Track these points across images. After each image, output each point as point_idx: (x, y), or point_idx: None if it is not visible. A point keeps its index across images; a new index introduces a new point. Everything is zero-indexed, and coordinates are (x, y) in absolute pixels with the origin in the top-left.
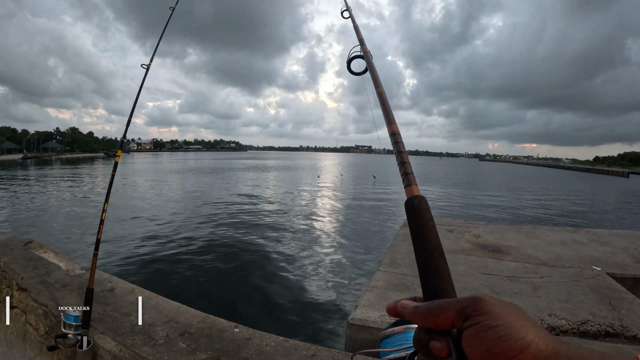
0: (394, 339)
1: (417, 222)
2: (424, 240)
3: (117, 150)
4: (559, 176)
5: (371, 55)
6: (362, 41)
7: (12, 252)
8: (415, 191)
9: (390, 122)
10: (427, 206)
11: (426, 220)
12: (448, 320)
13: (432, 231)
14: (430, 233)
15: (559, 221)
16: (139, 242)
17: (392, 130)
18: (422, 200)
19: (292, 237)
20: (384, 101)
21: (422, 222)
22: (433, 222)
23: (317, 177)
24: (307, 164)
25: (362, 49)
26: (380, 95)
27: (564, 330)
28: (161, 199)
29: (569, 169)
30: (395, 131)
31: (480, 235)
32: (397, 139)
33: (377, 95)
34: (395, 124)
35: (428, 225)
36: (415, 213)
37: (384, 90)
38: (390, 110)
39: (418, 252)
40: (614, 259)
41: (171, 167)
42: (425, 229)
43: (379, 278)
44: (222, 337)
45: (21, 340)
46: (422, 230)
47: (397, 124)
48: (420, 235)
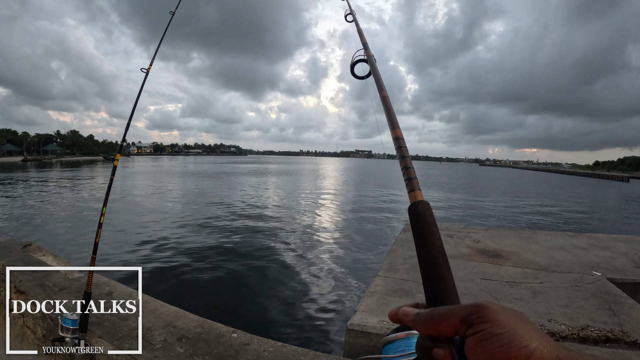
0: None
1: (421, 228)
2: (427, 246)
3: (116, 153)
4: (559, 181)
5: (375, 59)
6: (365, 45)
7: (11, 254)
8: (419, 196)
9: (394, 127)
10: (431, 212)
11: (430, 226)
12: (451, 328)
13: (435, 237)
14: (434, 239)
15: (558, 226)
16: (137, 245)
17: (395, 135)
18: (425, 206)
19: (291, 241)
20: (387, 105)
21: (426, 228)
22: (437, 227)
23: (317, 182)
24: (307, 169)
25: (366, 53)
26: (384, 100)
27: (564, 336)
28: (160, 203)
29: (569, 174)
30: (399, 135)
31: (480, 240)
32: (401, 144)
33: (381, 100)
34: (399, 128)
35: (432, 231)
36: (419, 218)
37: (387, 95)
38: (394, 115)
39: (421, 258)
40: (614, 264)
41: (170, 171)
42: (429, 235)
43: (378, 283)
44: (219, 342)
45: (19, 343)
46: (425, 236)
47: (402, 138)
48: (423, 241)
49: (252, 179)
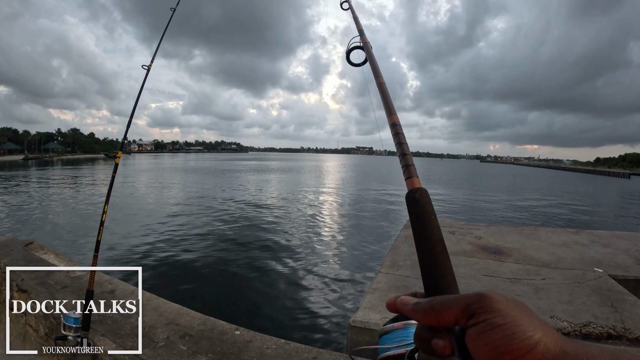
0: (394, 335)
1: (419, 216)
2: (425, 234)
3: (118, 151)
4: (560, 177)
5: (371, 46)
6: (361, 32)
7: (13, 253)
8: (416, 183)
9: (391, 113)
10: (429, 199)
11: (428, 213)
12: (451, 318)
13: (434, 225)
14: (432, 227)
15: (560, 223)
16: (139, 243)
17: (392, 121)
18: (423, 193)
19: (293, 239)
20: (384, 92)
21: (424, 216)
22: (435, 215)
23: (318, 178)
24: (308, 165)
25: (362, 40)
26: (380, 86)
27: (566, 333)
28: (162, 200)
29: (570, 170)
30: (396, 122)
31: (482, 236)
32: (398, 130)
33: (377, 86)
34: (395, 114)
35: (430, 219)
36: (416, 206)
37: (384, 81)
38: (391, 101)
39: (419, 246)
40: (616, 260)
41: (171, 168)
42: (427, 223)
43: (380, 280)
44: (222, 340)
45: (21, 342)
46: (423, 223)
47: (399, 125)
48: (421, 229)
49: (253, 175)
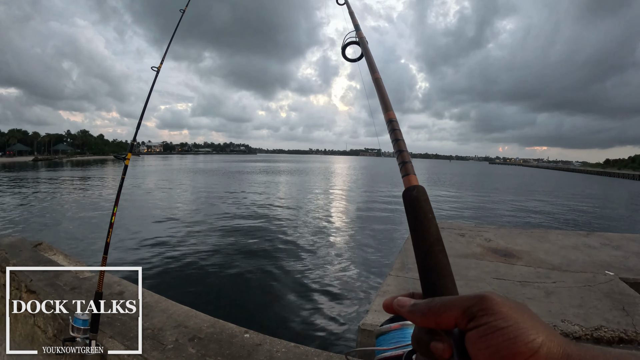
0: (390, 336)
1: (416, 214)
2: (423, 233)
3: (127, 153)
4: (569, 179)
5: (367, 41)
6: (357, 27)
7: (22, 254)
8: (413, 181)
9: (387, 109)
10: (427, 197)
11: (425, 211)
12: (451, 320)
13: (431, 223)
14: (430, 225)
15: (570, 225)
16: (149, 245)
17: (389, 117)
18: (420, 191)
19: (302, 241)
20: (380, 87)
21: (421, 214)
22: (433, 214)
23: (327, 180)
24: (317, 167)
25: (357, 35)
26: (376, 81)
27: (578, 337)
28: (171, 202)
29: (580, 172)
30: (392, 118)
31: (492, 239)
32: (395, 126)
33: (373, 81)
34: (392, 110)
35: (427, 217)
36: (413, 204)
37: (380, 77)
38: (387, 97)
39: (417, 246)
40: (627, 263)
41: (181, 169)
42: (425, 221)
43: (390, 283)
44: (232, 343)
45: (29, 343)
46: (421, 222)
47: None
48: (419, 228)
49: (262, 177)
